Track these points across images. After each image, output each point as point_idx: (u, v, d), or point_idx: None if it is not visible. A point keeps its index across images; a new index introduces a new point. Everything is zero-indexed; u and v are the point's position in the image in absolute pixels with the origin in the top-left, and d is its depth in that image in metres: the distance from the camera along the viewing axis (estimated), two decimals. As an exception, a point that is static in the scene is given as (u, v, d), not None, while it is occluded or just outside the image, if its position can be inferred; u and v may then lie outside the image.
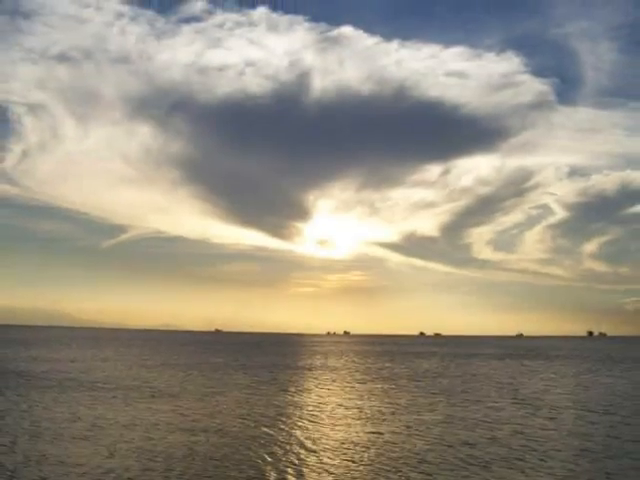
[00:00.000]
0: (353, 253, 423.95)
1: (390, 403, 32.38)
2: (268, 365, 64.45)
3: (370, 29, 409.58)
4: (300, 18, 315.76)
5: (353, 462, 18.50)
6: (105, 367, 56.08)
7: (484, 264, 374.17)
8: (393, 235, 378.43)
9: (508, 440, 21.97)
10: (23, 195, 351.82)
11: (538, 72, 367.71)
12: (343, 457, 19.18)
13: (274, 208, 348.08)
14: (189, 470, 17.25)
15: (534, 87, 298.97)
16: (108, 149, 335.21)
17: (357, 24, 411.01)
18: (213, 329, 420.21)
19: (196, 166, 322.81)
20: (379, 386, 41.95)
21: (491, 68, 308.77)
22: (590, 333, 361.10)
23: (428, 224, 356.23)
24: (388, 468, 17.73)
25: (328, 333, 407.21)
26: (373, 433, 23.24)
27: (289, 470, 17.50)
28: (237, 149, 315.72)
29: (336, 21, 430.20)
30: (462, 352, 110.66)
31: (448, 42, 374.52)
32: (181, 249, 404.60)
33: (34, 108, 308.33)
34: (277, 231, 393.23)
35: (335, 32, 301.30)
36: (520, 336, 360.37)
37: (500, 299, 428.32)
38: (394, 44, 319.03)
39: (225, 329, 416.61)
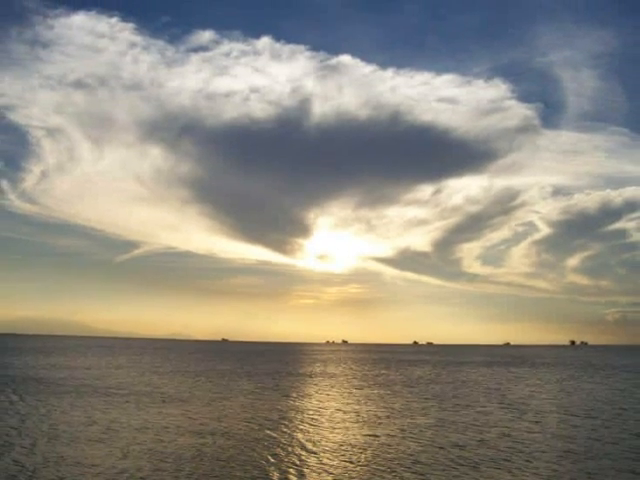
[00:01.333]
0: (351, 267, 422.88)
1: (386, 407, 32.22)
2: (272, 372, 64.13)
3: (367, 58, 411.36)
4: (301, 47, 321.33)
5: (351, 463, 18.42)
6: (118, 374, 55.81)
7: (473, 277, 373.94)
8: (388, 250, 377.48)
9: (496, 442, 21.86)
10: (42, 213, 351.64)
11: (524, 98, 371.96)
12: (342, 458, 19.09)
13: (277, 225, 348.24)
14: (197, 470, 17.18)
15: (520, 112, 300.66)
16: (122, 170, 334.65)
17: (354, 53, 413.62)
18: (220, 338, 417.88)
19: (204, 186, 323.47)
20: (375, 392, 41.73)
21: (480, 94, 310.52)
22: (572, 342, 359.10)
23: (421, 240, 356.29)
24: (384, 468, 17.66)
25: (327, 342, 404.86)
26: (370, 435, 23.13)
27: (291, 470, 17.43)
28: (242, 170, 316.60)
29: (335, 50, 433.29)
30: (453, 360, 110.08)
31: (439, 70, 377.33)
32: (190, 263, 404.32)
33: (52, 132, 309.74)
34: (280, 247, 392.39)
35: (334, 60, 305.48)
36: (507, 345, 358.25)
37: (488, 310, 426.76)
38: (389, 72, 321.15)
39: (231, 338, 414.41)
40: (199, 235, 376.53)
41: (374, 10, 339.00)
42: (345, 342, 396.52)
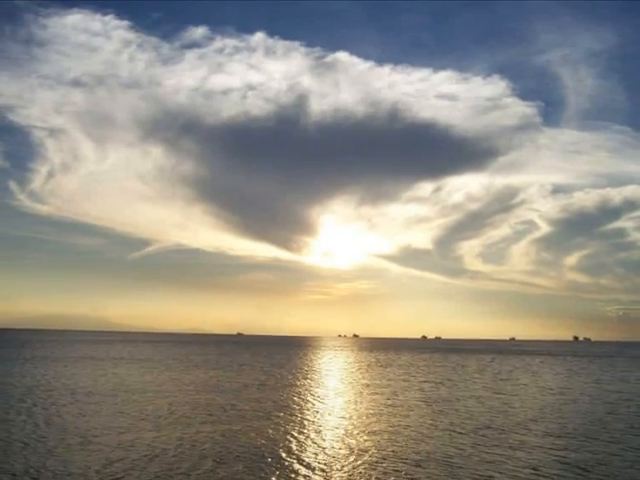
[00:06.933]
0: (358, 264, 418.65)
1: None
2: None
3: (363, 54, 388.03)
4: (296, 44, 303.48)
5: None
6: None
7: (475, 275, 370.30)
8: (390, 247, 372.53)
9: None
10: (53, 213, 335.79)
11: (523, 95, 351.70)
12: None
13: (281, 223, 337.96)
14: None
15: (520, 110, 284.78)
16: (125, 169, 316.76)
17: (351, 49, 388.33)
18: (235, 332, 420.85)
19: (206, 184, 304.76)
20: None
21: (478, 91, 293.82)
22: (576, 338, 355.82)
23: (422, 237, 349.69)
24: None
25: (339, 336, 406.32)
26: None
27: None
28: (243, 168, 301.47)
29: (330, 47, 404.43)
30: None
31: (437, 67, 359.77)
32: (201, 260, 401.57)
33: (54, 132, 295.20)
34: (286, 244, 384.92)
35: (330, 57, 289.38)
36: (513, 340, 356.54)
37: (492, 306, 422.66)
38: (386, 68, 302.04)
39: (246, 332, 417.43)
40: (206, 233, 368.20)
41: (370, 7, 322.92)
42: (356, 336, 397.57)
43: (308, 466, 12.82)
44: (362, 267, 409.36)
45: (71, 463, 12.58)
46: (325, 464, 13.02)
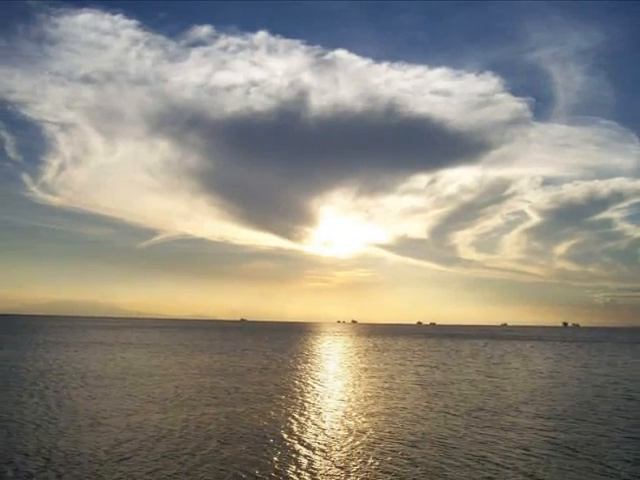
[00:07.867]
0: (356, 253, 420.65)
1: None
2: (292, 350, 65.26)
3: (361, 52, 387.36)
4: (297, 42, 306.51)
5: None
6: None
7: (469, 263, 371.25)
8: (387, 237, 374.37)
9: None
10: (64, 204, 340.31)
11: (514, 91, 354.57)
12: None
13: (283, 213, 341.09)
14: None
15: (511, 105, 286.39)
16: (133, 162, 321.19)
17: (349, 47, 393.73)
18: (239, 319, 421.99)
19: (211, 177, 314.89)
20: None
21: (471, 88, 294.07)
22: (565, 324, 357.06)
23: (418, 227, 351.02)
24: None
25: (338, 322, 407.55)
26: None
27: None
28: (247, 161, 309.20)
29: (330, 45, 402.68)
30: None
31: (432, 64, 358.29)
32: (207, 249, 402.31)
33: (65, 126, 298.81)
34: (288, 234, 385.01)
35: (330, 55, 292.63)
36: (504, 325, 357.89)
37: (484, 293, 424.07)
38: (383, 66, 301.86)
39: (249, 318, 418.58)
40: (211, 223, 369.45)
41: (368, 7, 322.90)
42: (354, 322, 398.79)
43: (308, 446, 12.90)
44: (360, 256, 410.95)
45: (81, 444, 12.66)
46: (325, 444, 13.10)
